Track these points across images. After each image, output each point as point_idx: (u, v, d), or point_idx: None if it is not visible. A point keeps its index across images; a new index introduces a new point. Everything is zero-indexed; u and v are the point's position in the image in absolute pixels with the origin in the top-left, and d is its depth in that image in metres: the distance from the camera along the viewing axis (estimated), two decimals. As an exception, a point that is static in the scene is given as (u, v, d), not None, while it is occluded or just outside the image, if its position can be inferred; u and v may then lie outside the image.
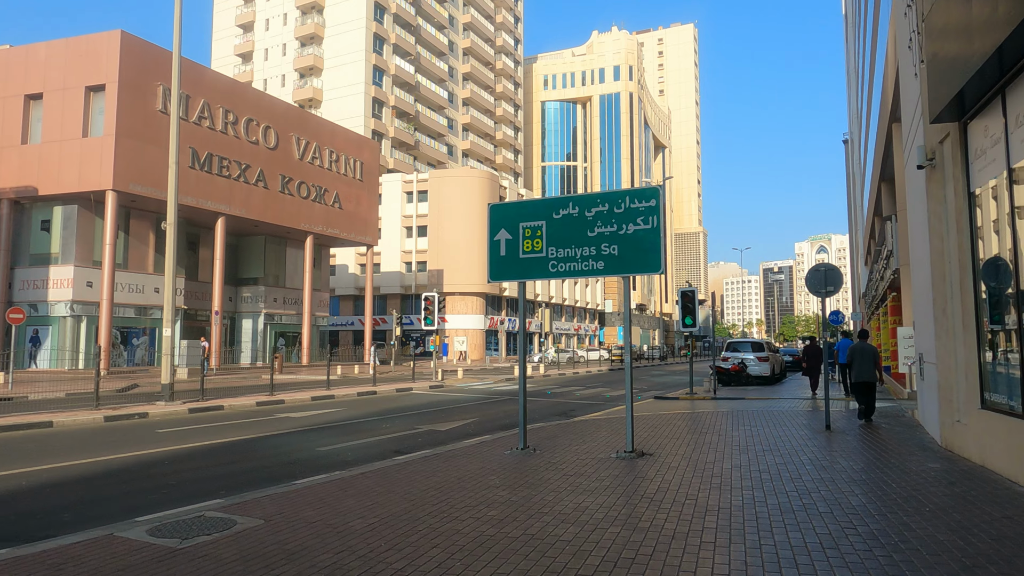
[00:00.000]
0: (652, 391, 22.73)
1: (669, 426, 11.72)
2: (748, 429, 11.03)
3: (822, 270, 10.68)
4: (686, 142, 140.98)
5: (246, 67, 70.02)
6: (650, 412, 14.50)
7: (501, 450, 9.32)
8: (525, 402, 9.36)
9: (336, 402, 17.68)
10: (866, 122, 33.80)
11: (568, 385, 25.53)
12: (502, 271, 9.51)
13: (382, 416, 14.68)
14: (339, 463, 9.00)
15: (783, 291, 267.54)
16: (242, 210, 34.12)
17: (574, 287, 76.02)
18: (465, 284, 58.06)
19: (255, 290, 39.31)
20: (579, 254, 8.96)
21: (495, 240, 9.58)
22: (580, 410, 16.24)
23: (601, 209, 8.91)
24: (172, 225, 14.91)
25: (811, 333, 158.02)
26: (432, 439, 11.35)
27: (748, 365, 24.54)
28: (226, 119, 33.39)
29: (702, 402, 17.09)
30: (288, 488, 6.92)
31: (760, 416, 13.05)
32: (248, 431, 12.16)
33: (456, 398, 19.37)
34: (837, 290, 10.57)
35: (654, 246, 8.55)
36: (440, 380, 24.59)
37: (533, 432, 11.15)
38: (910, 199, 11.23)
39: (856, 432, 10.48)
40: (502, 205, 9.66)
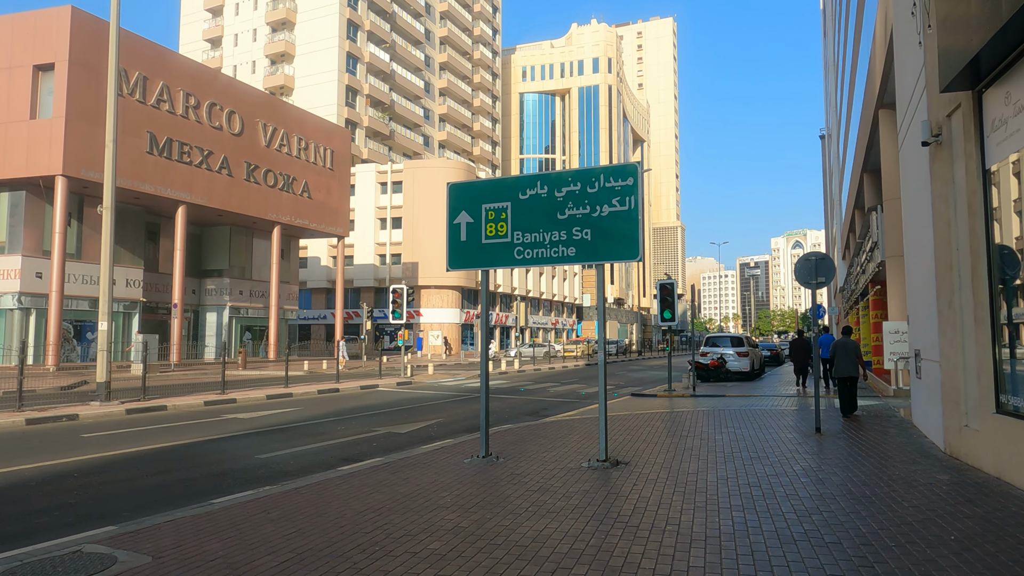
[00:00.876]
0: (629, 387, 21.93)
1: (647, 428, 10.84)
2: (732, 431, 10.18)
3: (813, 259, 9.85)
4: (664, 136, 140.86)
5: (215, 53, 67.87)
6: (626, 411, 13.64)
7: (461, 458, 8.36)
8: (487, 404, 8.38)
9: (293, 401, 16.56)
10: (847, 114, 33.32)
11: (543, 381, 24.65)
12: (462, 258, 8.51)
13: (340, 417, 13.62)
14: (276, 474, 7.95)
15: (759, 286, 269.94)
16: (204, 198, 32.64)
17: (551, 280, 75.21)
18: (441, 277, 56.88)
19: (220, 282, 37.81)
20: (548, 239, 7.99)
21: (455, 224, 8.57)
22: (553, 409, 15.33)
23: (572, 189, 7.94)
24: (109, 209, 13.64)
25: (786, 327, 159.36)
26: (388, 443, 10.34)
27: (728, 360, 23.86)
28: (187, 103, 31.85)
29: (681, 400, 16.28)
30: (203, 510, 5.87)
31: (743, 416, 12.23)
32: (186, 435, 11.04)
33: (423, 396, 18.36)
34: (829, 281, 9.75)
35: (631, 230, 7.61)
36: (409, 376, 23.54)
37: (498, 436, 10.19)
38: (907, 184, 10.45)
39: (848, 435, 9.69)
40: (462, 184, 8.66)
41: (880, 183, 24.10)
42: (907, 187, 10.39)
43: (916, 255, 9.69)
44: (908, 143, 10.01)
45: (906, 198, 10.48)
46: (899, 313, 16.66)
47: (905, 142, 10.31)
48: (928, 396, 8.92)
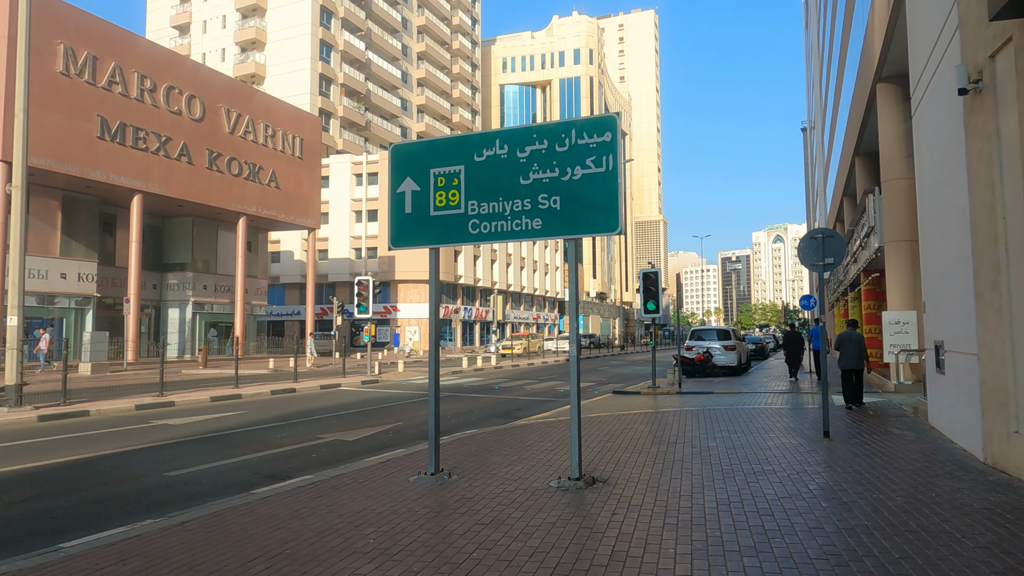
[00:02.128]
0: (611, 384, 20.62)
1: (629, 432, 9.48)
2: (727, 436, 8.86)
3: (819, 237, 8.52)
4: (646, 129, 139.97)
5: (183, 40, 65.47)
6: (607, 412, 12.29)
7: (407, 474, 6.94)
8: (437, 412, 6.94)
9: (240, 403, 15.00)
10: (834, 100, 32.27)
11: (520, 378, 23.27)
12: (407, 234, 7.07)
13: (286, 422, 12.12)
14: (177, 499, 6.48)
15: (740, 280, 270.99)
16: (162, 187, 30.77)
17: (532, 275, 73.88)
18: (418, 271, 55.31)
19: (182, 276, 35.95)
20: (509, 209, 6.57)
21: (398, 193, 7.12)
22: (527, 409, 13.94)
23: (538, 148, 6.53)
24: (19, 188, 11.97)
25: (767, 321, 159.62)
26: (330, 454, 8.88)
27: (714, 355, 22.64)
28: (142, 85, 29.94)
29: (666, 398, 14.98)
30: (36, 560, 4.39)
31: (737, 417, 10.93)
32: (96, 446, 9.48)
33: (387, 396, 16.89)
34: (838, 262, 8.44)
35: (609, 197, 6.22)
36: (376, 374, 22.03)
37: (458, 445, 8.77)
38: (924, 154, 9.16)
39: (861, 440, 8.39)
40: (406, 146, 7.21)
41: (875, 166, 22.99)
42: (925, 157, 9.11)
43: (937, 233, 8.41)
44: (927, 106, 8.73)
45: (923, 170, 9.20)
46: (900, 302, 15.49)
47: (922, 106, 9.03)
48: (957, 395, 7.64)
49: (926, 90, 8.63)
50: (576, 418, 6.28)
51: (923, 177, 9.20)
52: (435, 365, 6.93)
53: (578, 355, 6.34)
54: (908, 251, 15.49)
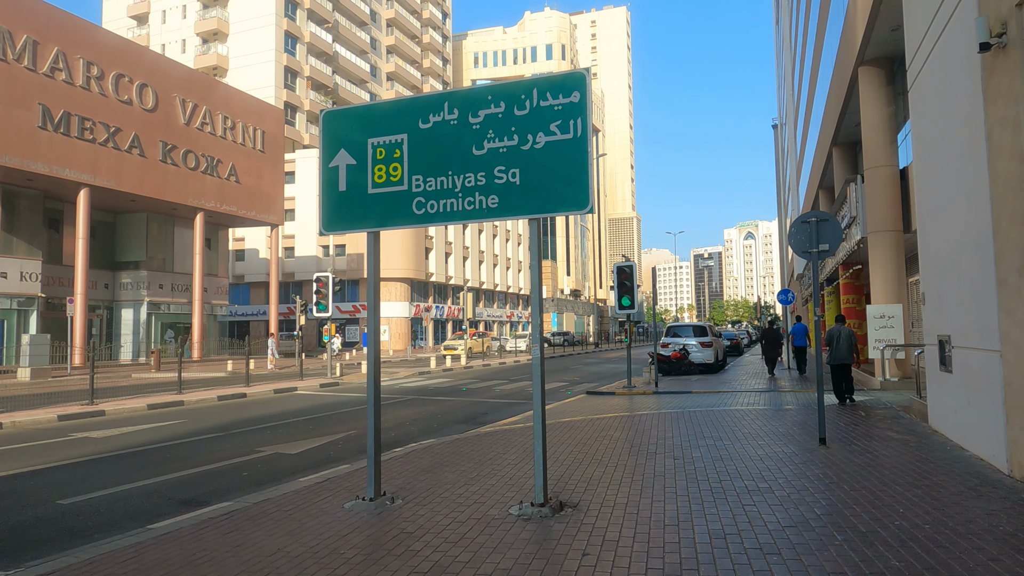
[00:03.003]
0: (585, 383, 19.73)
1: (603, 440, 8.52)
2: (712, 444, 7.95)
3: (813, 221, 7.64)
4: (619, 126, 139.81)
5: (141, 30, 63.07)
6: (579, 416, 11.34)
7: (344, 499, 5.89)
8: (377, 425, 5.89)
9: (181, 411, 13.73)
10: (808, 91, 31.80)
11: (491, 378, 22.25)
12: (341, 216, 6.00)
13: (226, 432, 10.94)
14: (57, 535, 5.34)
15: (713, 276, 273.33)
16: (112, 181, 29.07)
17: (506, 272, 72.91)
18: (388, 269, 53.93)
19: (136, 275, 34.21)
20: (460, 185, 5.55)
21: (330, 168, 6.04)
22: (494, 413, 12.94)
23: (494, 111, 5.51)
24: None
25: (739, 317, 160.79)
26: (265, 472, 7.78)
27: (691, 352, 21.90)
28: (88, 72, 28.22)
29: (643, 399, 14.09)
30: None
31: (720, 420, 10.04)
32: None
33: (345, 400, 15.74)
34: (834, 248, 7.58)
35: (578, 168, 5.23)
36: (337, 376, 20.83)
37: (410, 459, 7.72)
38: (925, 130, 8.34)
39: (861, 447, 7.54)
40: (341, 111, 6.12)
41: (853, 156, 22.41)
42: (925, 134, 8.29)
43: (942, 216, 7.59)
44: (928, 75, 7.91)
45: (923, 148, 8.38)
46: (885, 295, 14.81)
47: (922, 77, 8.20)
48: (968, 396, 6.81)
49: (927, 58, 7.80)
50: (540, 432, 5.28)
51: (923, 156, 8.38)
52: (375, 370, 5.87)
53: (542, 356, 5.33)
54: (892, 242, 14.82)
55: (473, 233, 65.02)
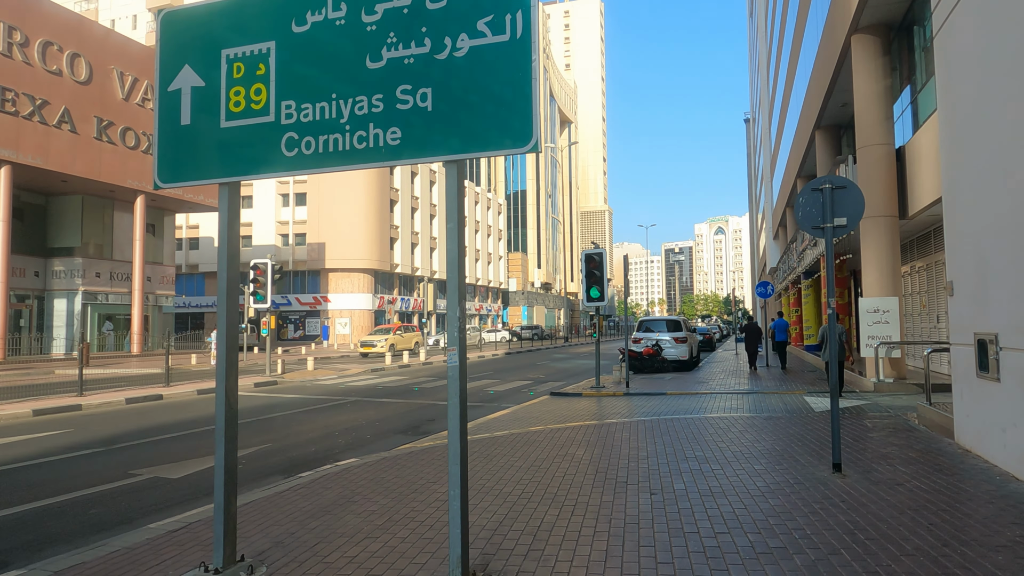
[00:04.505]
0: (550, 381, 18.12)
1: (562, 463, 6.87)
2: (697, 469, 6.34)
3: (826, 188, 6.02)
4: (592, 118, 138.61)
5: (89, 5, 59.63)
6: (539, 424, 9.68)
7: (192, 560, 4.13)
8: (230, 457, 4.09)
9: (73, 418, 11.72)
10: (787, 76, 30.54)
11: (449, 376, 20.49)
12: (183, 161, 4.20)
13: (110, 446, 9.04)
14: None
15: (683, 271, 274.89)
16: (37, 158, 26.57)
17: (475, 264, 71.09)
18: (351, 259, 51.80)
19: (70, 262, 31.65)
20: (349, 112, 3.79)
21: (169, 93, 4.23)
22: (443, 420, 11.21)
23: (397, 4, 3.76)
24: None
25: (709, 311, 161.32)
26: (125, 507, 5.99)
27: (664, 348, 20.42)
28: (9, 38, 25.65)
29: (613, 401, 12.50)
30: None
31: (703, 432, 8.46)
32: None
33: (277, 402, 13.87)
34: (854, 223, 5.99)
35: (517, 86, 3.52)
36: (279, 373, 18.87)
37: (314, 489, 5.95)
38: (958, 79, 6.79)
39: (889, 476, 6.00)
40: (184, 11, 4.30)
41: (837, 140, 21.10)
42: (959, 87, 6.75)
43: (987, 185, 6.06)
44: (964, 15, 6.37)
45: (956, 103, 6.84)
46: (878, 287, 13.43)
47: (953, 19, 6.67)
48: None
49: (967, -11, 6.25)
50: (458, 480, 3.56)
51: (954, 113, 6.84)
52: (227, 383, 4.09)
53: (463, 367, 3.60)
54: (888, 228, 13.44)
55: (441, 223, 63.06)
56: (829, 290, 6.03)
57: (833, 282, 6.06)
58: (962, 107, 6.62)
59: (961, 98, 6.64)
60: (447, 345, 3.63)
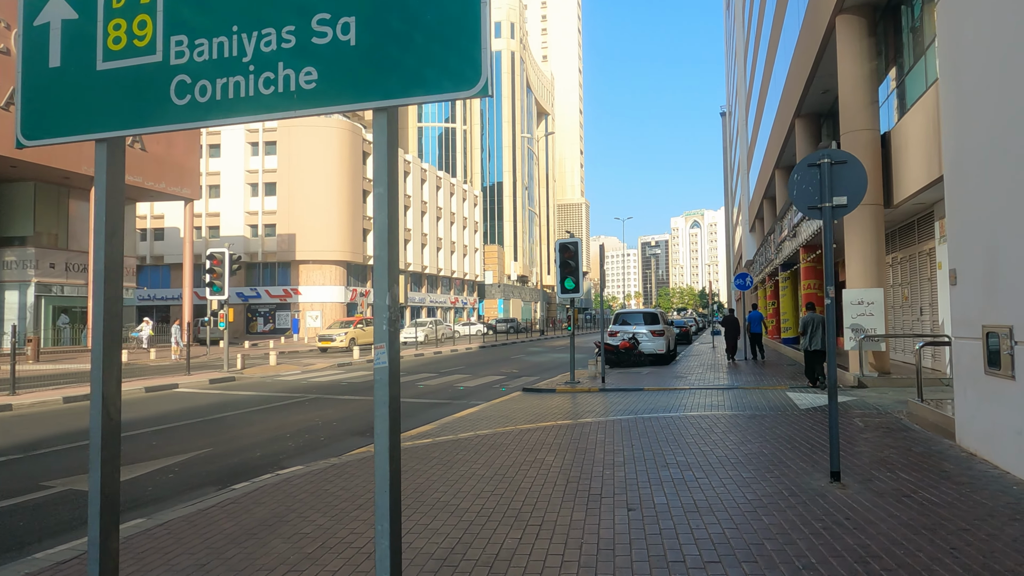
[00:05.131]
0: (524, 376, 17.44)
1: (530, 471, 6.17)
2: (679, 478, 5.69)
3: (824, 163, 5.37)
4: (569, 110, 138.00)
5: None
6: (508, 424, 8.97)
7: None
8: (107, 482, 3.30)
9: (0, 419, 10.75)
10: (765, 65, 30.11)
11: (419, 371, 19.73)
12: (52, 112, 3.38)
13: (29, 452, 8.13)
14: None
15: (660, 264, 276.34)
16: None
17: (451, 256, 70.18)
18: (322, 251, 50.59)
19: (23, 253, 30.15)
20: (252, 50, 3.01)
21: (34, 28, 3.41)
22: (408, 418, 10.45)
23: (313, -87, 2.98)
24: None
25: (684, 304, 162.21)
26: (21, 529, 5.13)
27: (641, 341, 19.87)
28: (-49, 13, 24.14)
29: (587, 398, 11.85)
30: None
31: (683, 434, 7.83)
32: None
33: (231, 401, 12.98)
34: (855, 202, 5.36)
35: (461, 16, 2.77)
36: (238, 369, 17.92)
37: (242, 506, 5.15)
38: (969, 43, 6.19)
39: (894, 486, 5.40)
40: (52, -76, 3.47)
41: (817, 128, 20.66)
42: (970, 52, 6.15)
43: (993, 160, 5.47)
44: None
45: (965, 69, 6.23)
46: (863, 278, 12.93)
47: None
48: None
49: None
50: (388, 514, 2.81)
51: (961, 81, 6.24)
52: (106, 378, 3.29)
53: (394, 366, 2.85)
54: (872, 217, 12.94)
55: (416, 215, 62.02)
56: (828, 278, 5.39)
57: (832, 269, 5.42)
58: (970, 74, 6.01)
59: (969, 64, 6.03)
60: (375, 342, 2.89)
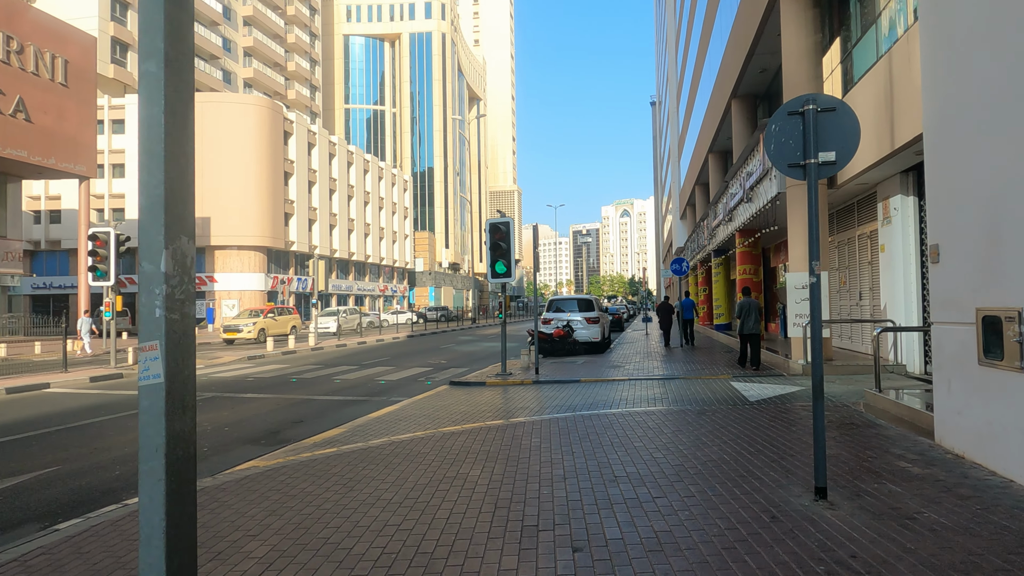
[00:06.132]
0: (452, 368, 16.24)
1: (448, 493, 4.98)
2: (633, 501, 4.64)
3: (809, 110, 4.36)
4: (501, 96, 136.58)
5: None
6: (428, 428, 7.75)
7: None
8: None
9: None
10: (698, 50, 29.74)
11: (339, 363, 18.20)
12: None
13: None
14: None
15: (591, 252, 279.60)
16: None
17: (379, 243, 67.89)
18: (240, 235, 47.61)
19: None
20: None
21: None
22: (315, 420, 9.07)
23: None
24: None
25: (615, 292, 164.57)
26: None
27: (576, 329, 18.99)
28: None
29: (520, 391, 10.76)
30: None
31: (631, 437, 6.83)
32: None
33: (109, 402, 11.19)
34: (844, 161, 4.42)
35: None
36: (128, 364, 15.89)
37: (28, 570, 3.74)
38: None
39: (890, 508, 4.52)
40: None
41: (753, 109, 20.24)
42: None
43: (997, 110, 4.63)
44: None
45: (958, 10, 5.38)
46: (804, 261, 12.33)
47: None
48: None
49: None
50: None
51: (962, 14, 5.38)
52: None
53: (177, 386, 1.60)
54: (816, 197, 12.35)
55: (342, 199, 59.45)
56: (812, 251, 4.43)
57: (817, 241, 4.44)
58: (958, 22, 5.15)
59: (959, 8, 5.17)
60: (140, 339, 1.62)
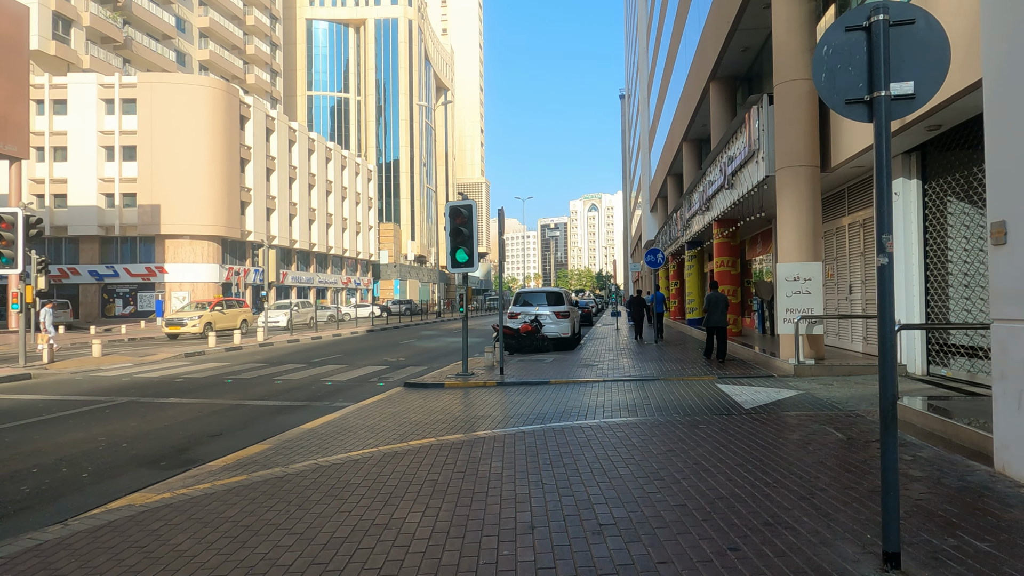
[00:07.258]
0: (411, 366, 14.84)
1: (374, 556, 3.63)
2: (630, 564, 3.36)
3: (879, 21, 3.14)
4: (469, 87, 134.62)
5: None
6: (370, 446, 6.38)
7: None
8: None
9: None
10: (672, 36, 28.67)
11: (285, 360, 16.63)
12: None
13: None
14: None
15: (559, 247, 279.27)
16: None
17: (343, 234, 65.76)
18: (193, 224, 45.21)
19: None
20: None
21: None
22: (234, 434, 7.61)
23: None
24: None
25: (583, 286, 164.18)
26: None
27: (544, 324, 17.74)
28: None
29: (482, 395, 9.44)
30: None
31: (615, 459, 5.57)
32: None
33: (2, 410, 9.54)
34: (931, 91, 3.17)
35: None
36: (43, 363, 14.11)
37: None
38: None
39: (971, 566, 3.30)
40: None
41: (732, 92, 19.16)
42: None
43: None
44: None
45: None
46: (797, 251, 11.25)
47: None
48: None
49: None
50: None
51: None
52: None
53: None
54: (808, 181, 11.27)
55: (302, 188, 57.20)
56: (881, 226, 3.16)
57: (889, 215, 3.16)
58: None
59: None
60: None
